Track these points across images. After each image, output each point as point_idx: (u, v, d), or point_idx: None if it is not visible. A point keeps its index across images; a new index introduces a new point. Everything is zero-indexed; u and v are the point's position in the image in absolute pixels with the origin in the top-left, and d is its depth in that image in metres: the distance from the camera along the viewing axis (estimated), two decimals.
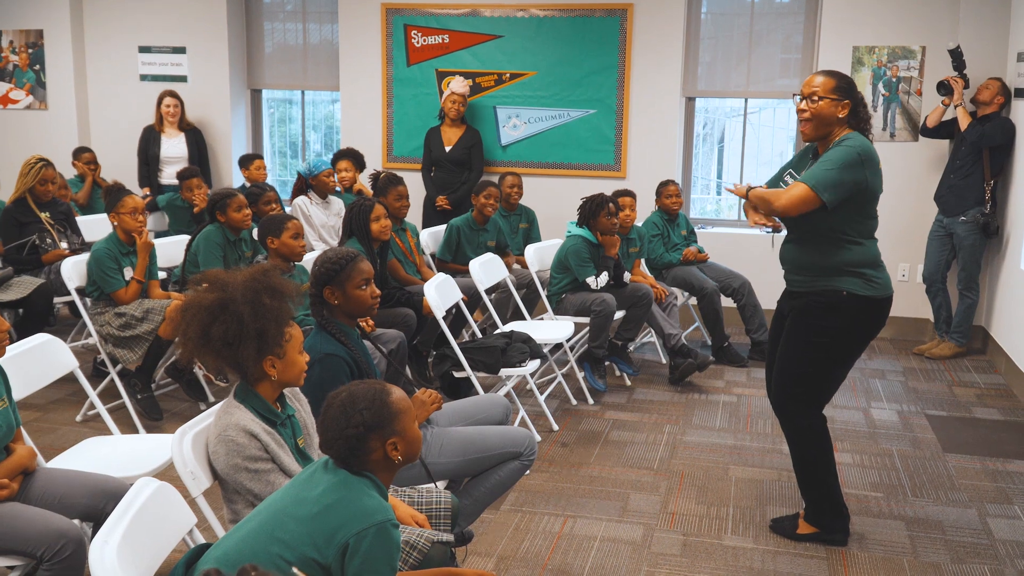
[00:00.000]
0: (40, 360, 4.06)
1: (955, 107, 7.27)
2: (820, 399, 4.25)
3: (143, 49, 9.40)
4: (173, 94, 8.80)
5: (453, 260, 7.00)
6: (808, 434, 4.25)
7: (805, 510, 4.42)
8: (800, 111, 4.00)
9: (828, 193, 3.84)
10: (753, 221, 4.18)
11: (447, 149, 8.27)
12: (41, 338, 4.12)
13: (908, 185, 7.90)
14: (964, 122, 7.16)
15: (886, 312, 4.14)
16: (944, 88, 7.30)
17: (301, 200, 7.42)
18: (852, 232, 4.02)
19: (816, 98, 3.94)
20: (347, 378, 3.53)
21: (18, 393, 3.70)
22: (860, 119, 4.00)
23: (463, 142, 8.28)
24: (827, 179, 3.84)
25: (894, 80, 7.81)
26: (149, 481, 2.72)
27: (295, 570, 1.63)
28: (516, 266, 7.22)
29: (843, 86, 3.95)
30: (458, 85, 8.31)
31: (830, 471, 4.29)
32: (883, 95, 7.84)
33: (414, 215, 8.25)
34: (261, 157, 8.44)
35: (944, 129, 7.46)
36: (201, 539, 2.93)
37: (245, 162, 8.35)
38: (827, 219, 3.95)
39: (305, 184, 7.50)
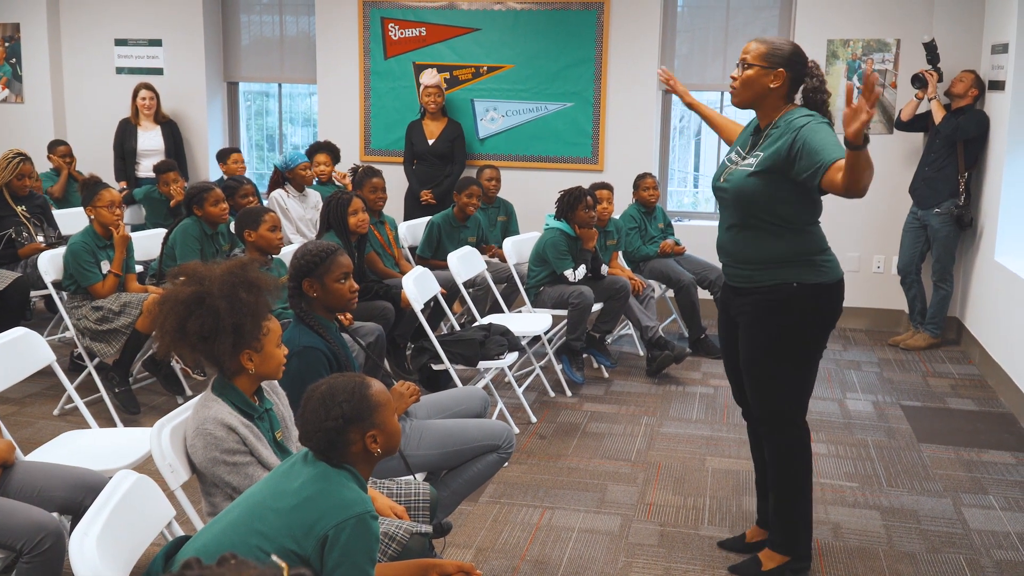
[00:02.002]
0: (17, 354, 4.04)
1: (929, 100, 7.32)
2: (806, 402, 3.88)
3: (119, 42, 9.35)
4: (148, 87, 8.77)
5: (433, 256, 7.00)
6: (797, 448, 3.87)
7: (771, 538, 4.00)
8: (732, 78, 3.72)
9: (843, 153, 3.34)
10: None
11: (430, 142, 8.27)
12: (18, 332, 4.11)
13: (883, 178, 7.89)
14: (938, 115, 7.21)
15: (840, 296, 3.79)
16: (918, 81, 7.35)
17: (278, 193, 7.42)
18: (801, 219, 3.69)
19: (745, 64, 3.66)
20: (325, 371, 3.54)
21: None
22: (807, 95, 3.69)
23: (446, 135, 8.29)
24: (836, 143, 3.42)
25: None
26: (128, 474, 2.72)
27: (274, 558, 1.64)
28: (495, 259, 7.21)
29: (777, 54, 3.61)
30: (428, 78, 8.32)
31: (810, 493, 3.93)
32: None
33: (396, 208, 8.26)
34: (239, 151, 8.41)
35: (918, 122, 7.51)
36: (180, 532, 2.94)
37: (223, 156, 8.33)
38: (778, 206, 3.64)
39: (282, 177, 7.50)
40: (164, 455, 2.98)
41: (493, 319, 6.04)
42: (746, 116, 3.95)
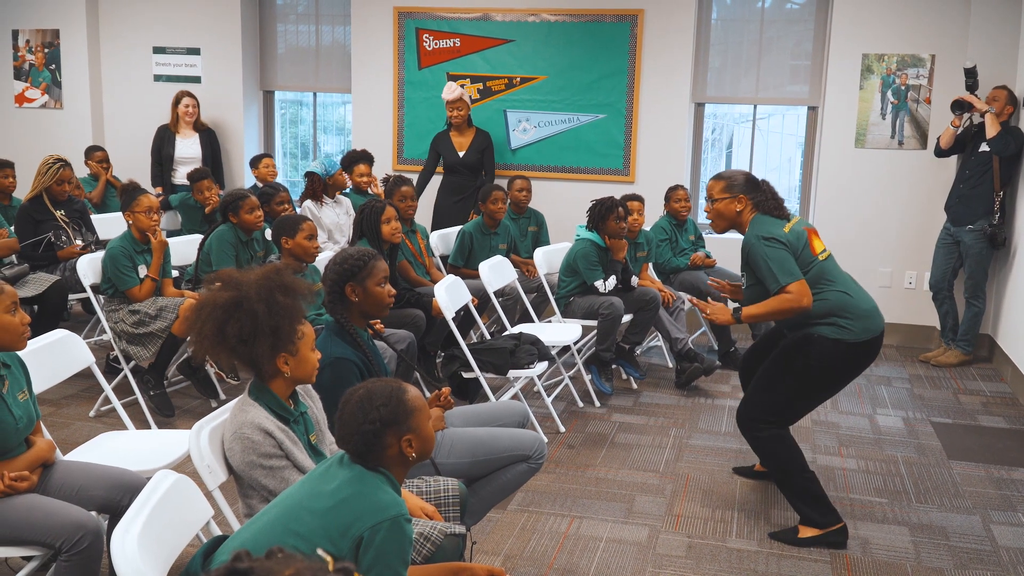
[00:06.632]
0: (57, 355, 4.10)
1: (982, 116, 7.17)
2: (782, 420, 4.44)
3: (157, 50, 9.47)
4: (190, 95, 8.87)
5: (465, 265, 7.04)
6: (771, 442, 4.43)
7: (801, 519, 4.49)
8: (706, 211, 4.51)
9: (791, 277, 4.15)
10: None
11: (460, 154, 8.30)
12: (59, 334, 4.17)
13: (915, 193, 7.93)
14: (992, 130, 7.10)
15: (866, 354, 4.33)
16: (960, 107, 7.22)
17: (310, 203, 7.46)
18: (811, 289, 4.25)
19: (712, 200, 4.42)
20: (358, 381, 3.56)
21: (36, 387, 3.75)
22: (763, 202, 4.35)
23: (475, 146, 8.32)
24: (780, 268, 4.16)
25: (903, 88, 7.84)
26: (168, 474, 2.77)
27: (320, 552, 1.68)
28: (538, 275, 7.16)
29: (732, 184, 4.36)
30: (448, 93, 8.30)
31: (805, 470, 4.40)
32: (892, 103, 7.88)
33: (425, 217, 8.31)
34: (271, 156, 8.49)
35: (956, 145, 7.42)
36: (218, 531, 2.99)
37: (255, 162, 8.43)
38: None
39: (323, 185, 7.54)
40: (203, 456, 3.03)
41: (523, 328, 6.08)
42: None
